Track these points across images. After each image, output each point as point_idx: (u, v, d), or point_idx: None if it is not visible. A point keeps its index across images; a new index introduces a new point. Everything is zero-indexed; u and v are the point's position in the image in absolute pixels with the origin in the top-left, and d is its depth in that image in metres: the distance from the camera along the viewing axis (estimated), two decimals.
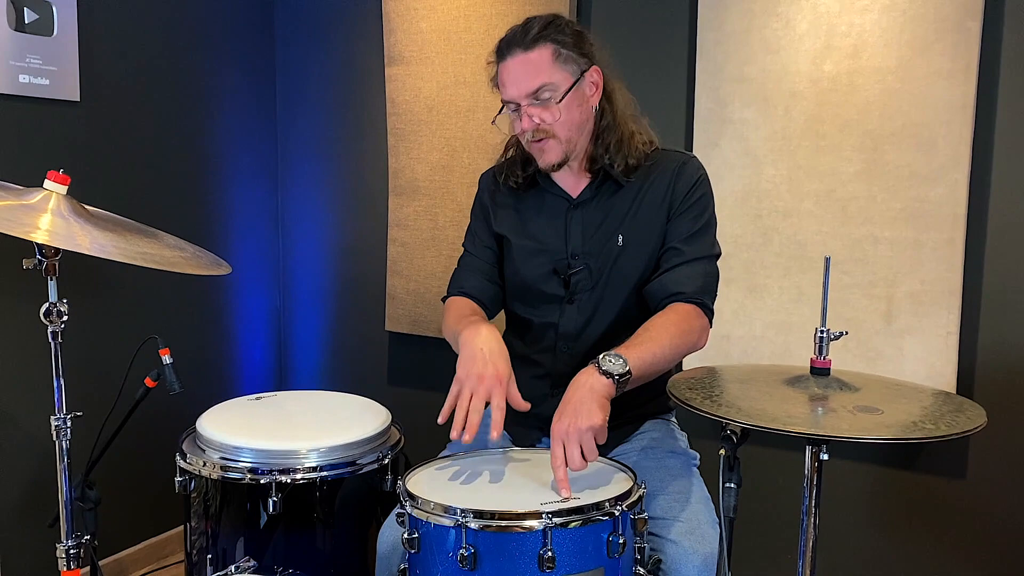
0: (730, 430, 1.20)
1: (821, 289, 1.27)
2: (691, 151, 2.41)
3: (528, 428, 1.83)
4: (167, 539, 2.82)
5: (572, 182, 1.78)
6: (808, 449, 1.22)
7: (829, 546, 2.33)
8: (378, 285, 2.98)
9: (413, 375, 3.00)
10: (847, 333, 1.33)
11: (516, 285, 1.83)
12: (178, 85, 2.77)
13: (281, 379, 3.25)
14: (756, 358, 2.39)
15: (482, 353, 1.52)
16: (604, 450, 1.76)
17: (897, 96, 2.17)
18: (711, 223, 1.74)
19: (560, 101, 1.64)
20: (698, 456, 1.82)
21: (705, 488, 1.69)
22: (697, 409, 1.16)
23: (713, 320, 1.69)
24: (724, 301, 2.41)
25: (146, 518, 2.74)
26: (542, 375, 1.80)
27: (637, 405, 1.81)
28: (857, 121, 2.22)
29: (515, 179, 1.82)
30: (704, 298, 1.66)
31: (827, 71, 2.24)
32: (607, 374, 1.45)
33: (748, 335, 2.40)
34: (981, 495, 2.22)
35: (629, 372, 1.45)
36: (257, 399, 2.02)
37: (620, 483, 1.47)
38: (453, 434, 1.47)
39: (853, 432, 1.07)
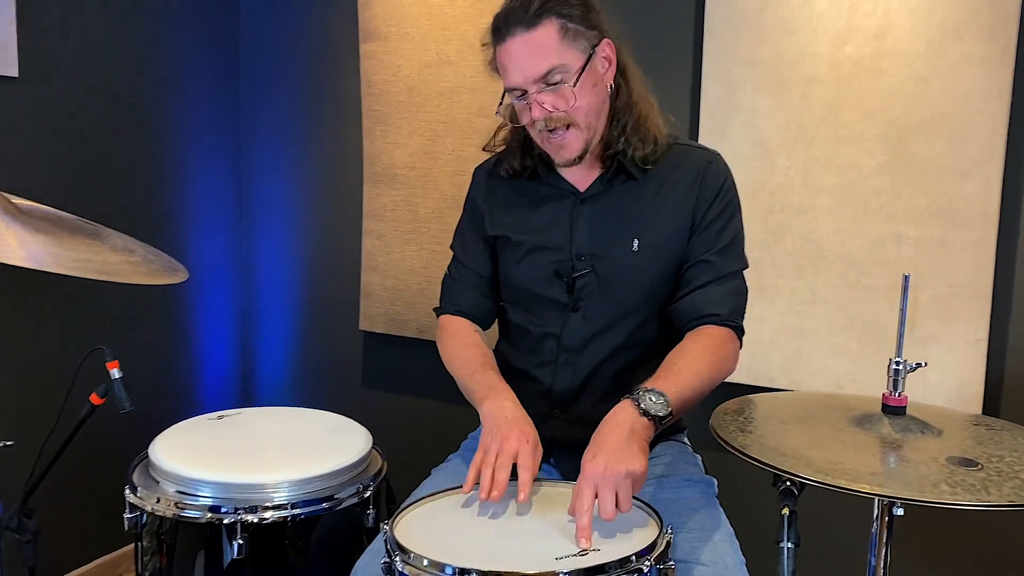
0: (790, 482, 1.01)
1: (835, 292, 1.07)
2: (696, 140, 2.22)
3: None
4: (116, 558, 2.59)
5: (581, 174, 1.58)
6: (878, 501, 1.04)
7: None
8: (352, 281, 2.75)
9: (390, 378, 2.78)
10: (925, 364, 1.14)
11: (513, 288, 1.63)
12: (130, 61, 2.51)
13: (246, 385, 3.01)
14: (765, 364, 2.21)
15: (507, 420, 1.38)
16: None
17: (925, 82, 1.99)
18: (740, 232, 1.57)
19: (575, 84, 1.43)
20: (715, 482, 1.63)
21: (728, 522, 1.50)
22: (758, 461, 0.97)
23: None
24: None
25: (94, 544, 2.51)
26: (541, 392, 1.60)
27: None
28: (881, 109, 2.03)
29: (511, 169, 1.61)
30: (738, 320, 1.49)
31: (848, 54, 2.05)
32: (646, 414, 1.27)
33: (757, 339, 2.22)
34: None
35: (670, 413, 1.28)
36: (220, 418, 1.80)
37: (644, 529, 1.28)
38: (481, 495, 1.31)
39: (956, 496, 0.88)
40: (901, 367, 1.13)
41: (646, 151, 1.52)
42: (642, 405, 1.28)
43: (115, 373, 1.69)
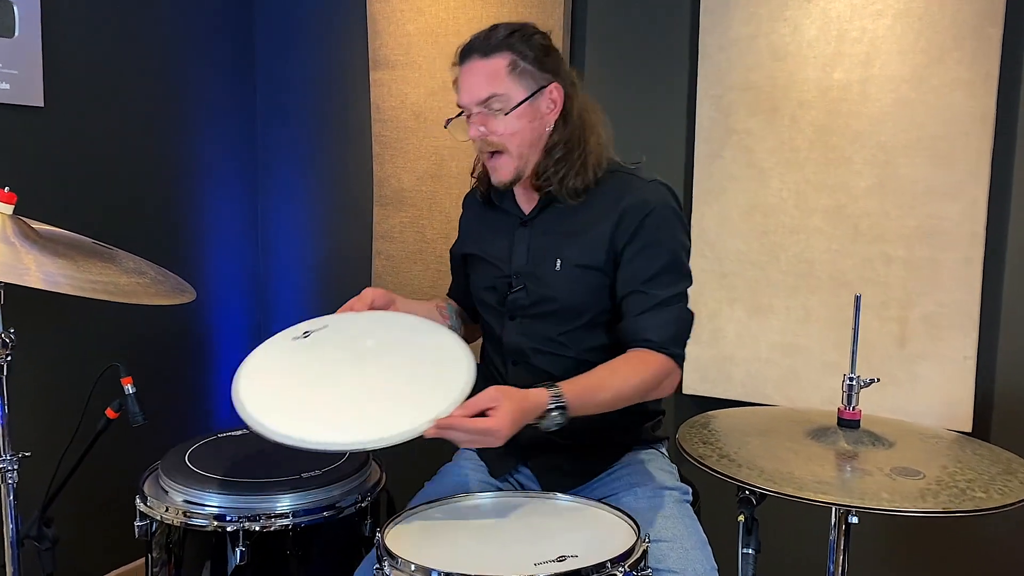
0: (748, 492, 1.07)
1: (828, 311, 1.13)
2: (692, 162, 2.29)
3: (503, 455, 1.70)
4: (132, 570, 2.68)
5: (525, 199, 1.71)
6: (835, 510, 1.09)
7: None
8: None
9: None
10: (878, 380, 1.19)
11: (474, 296, 1.81)
12: (151, 89, 2.62)
13: None
14: (761, 381, 2.26)
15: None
16: (586, 480, 1.67)
17: (912, 106, 2.04)
18: (677, 256, 1.60)
19: (508, 113, 1.56)
20: (690, 490, 1.68)
21: (701, 529, 1.55)
22: (713, 470, 1.03)
23: (684, 364, 1.58)
24: (727, 321, 2.29)
25: (109, 555, 2.59)
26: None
27: (622, 431, 1.69)
28: (869, 132, 2.09)
29: (481, 193, 1.78)
30: (673, 348, 1.54)
31: (837, 79, 2.11)
32: (541, 420, 1.40)
33: (753, 357, 2.27)
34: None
35: (561, 425, 1.42)
36: (305, 335, 1.58)
37: (621, 536, 1.34)
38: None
39: (894, 503, 0.94)
40: (854, 383, 1.18)
41: (577, 183, 1.60)
42: (544, 420, 1.40)
43: (129, 388, 1.77)
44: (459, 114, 1.64)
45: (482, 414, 1.34)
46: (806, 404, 2.19)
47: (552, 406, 1.40)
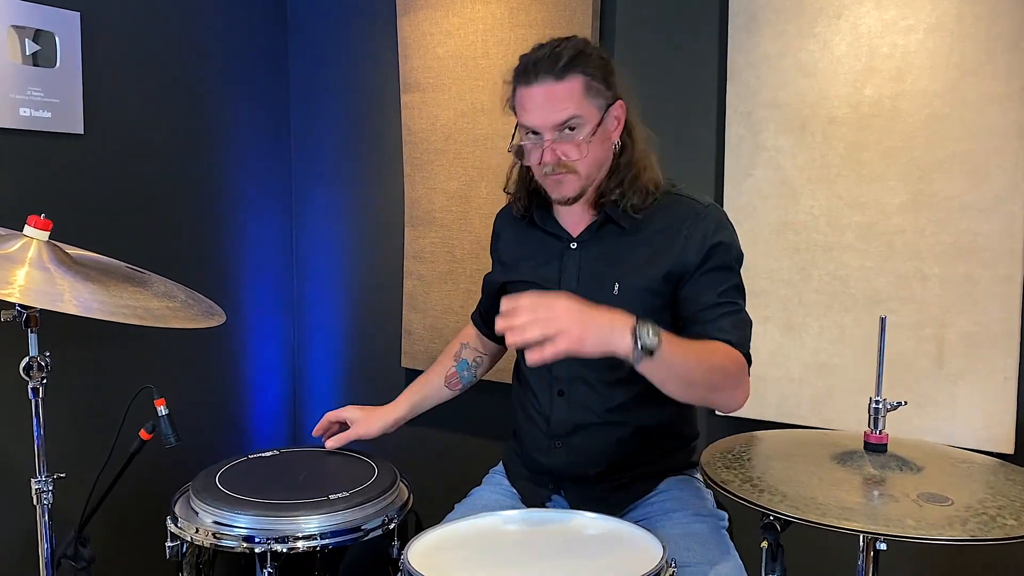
0: (773, 517, 1.05)
1: (862, 330, 1.11)
2: (722, 180, 2.27)
3: (537, 485, 1.70)
4: None
5: (575, 219, 1.67)
6: (862, 537, 1.07)
7: None
8: (394, 320, 2.85)
9: (428, 414, 2.85)
10: (905, 403, 1.17)
11: None
12: (187, 115, 2.68)
13: (295, 421, 3.12)
14: (795, 403, 2.22)
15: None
16: (620, 509, 1.65)
17: (945, 122, 2.01)
18: (737, 272, 1.61)
19: (584, 136, 1.53)
20: (727, 516, 1.66)
21: (738, 556, 1.53)
22: (736, 496, 1.01)
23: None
24: (760, 341, 2.25)
25: (142, 575, 2.62)
26: (542, 423, 1.69)
27: (657, 459, 1.67)
28: (902, 149, 2.06)
29: (520, 209, 1.74)
30: (746, 349, 1.52)
31: (868, 95, 2.08)
32: (636, 339, 1.28)
33: (785, 377, 2.24)
34: None
35: (650, 353, 1.28)
36: None
37: (645, 557, 1.32)
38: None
39: (919, 530, 0.91)
40: (880, 406, 1.16)
41: (636, 201, 1.59)
42: (639, 332, 1.28)
43: (162, 410, 1.80)
44: (515, 133, 1.60)
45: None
46: (840, 425, 2.15)
47: (643, 325, 1.29)
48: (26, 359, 1.61)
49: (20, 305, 1.57)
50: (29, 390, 1.64)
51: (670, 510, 1.61)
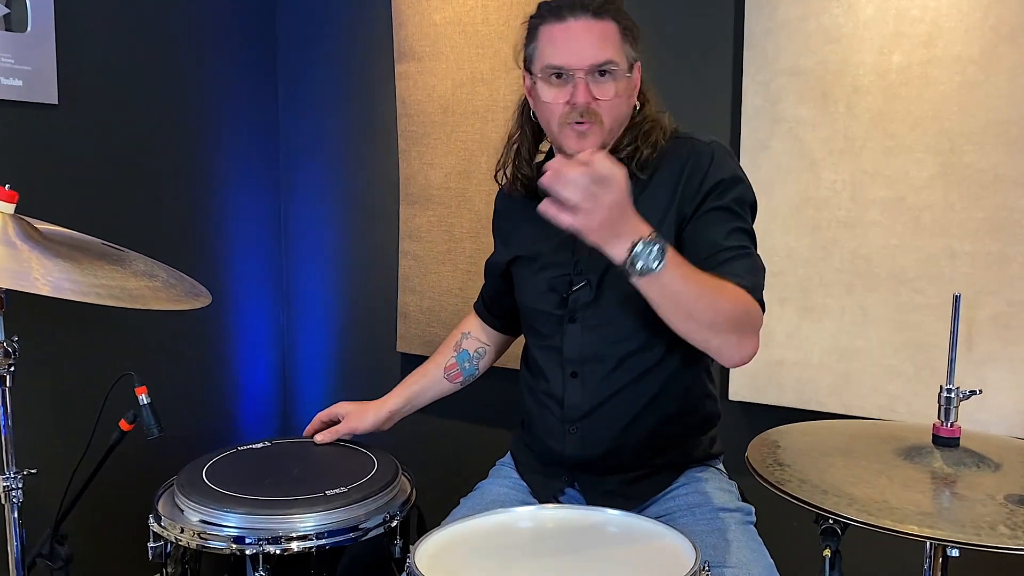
0: (833, 521, 0.93)
1: (886, 311, 0.99)
2: (738, 154, 2.14)
3: (549, 477, 1.59)
4: None
5: None
6: (929, 543, 0.95)
7: None
8: (389, 303, 2.72)
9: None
10: (980, 392, 1.05)
11: (523, 310, 1.67)
12: (168, 84, 2.53)
13: (286, 407, 3.00)
14: (813, 388, 2.11)
15: None
16: (639, 502, 1.54)
17: (979, 89, 1.89)
18: (745, 208, 1.49)
19: (621, 89, 1.46)
20: (753, 511, 1.55)
21: (767, 553, 1.43)
22: (796, 498, 0.89)
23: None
24: (777, 322, 2.15)
25: (124, 574, 2.49)
26: (555, 407, 1.57)
27: (678, 444, 1.56)
28: (932, 118, 1.94)
29: (521, 191, 1.65)
30: (760, 295, 1.41)
31: (896, 62, 1.96)
32: (631, 254, 1.21)
33: (804, 361, 2.12)
34: None
35: (650, 271, 1.21)
36: None
37: (675, 559, 1.21)
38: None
39: (1017, 539, 0.79)
40: (953, 395, 1.04)
41: (648, 152, 1.51)
42: (639, 249, 1.21)
43: (143, 399, 1.68)
44: (540, 79, 1.49)
45: None
46: (863, 411, 2.05)
47: (649, 245, 1.21)
48: None
49: None
50: None
51: (694, 504, 1.50)
